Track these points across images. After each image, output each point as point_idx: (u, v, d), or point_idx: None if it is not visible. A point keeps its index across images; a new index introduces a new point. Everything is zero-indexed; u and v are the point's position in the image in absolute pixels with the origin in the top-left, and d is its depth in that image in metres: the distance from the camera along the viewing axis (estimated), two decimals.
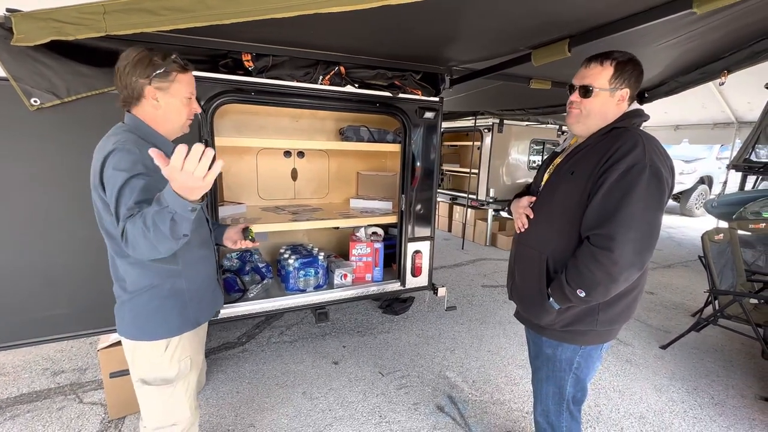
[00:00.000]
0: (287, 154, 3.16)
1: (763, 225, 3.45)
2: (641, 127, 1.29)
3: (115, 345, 2.03)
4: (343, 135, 2.89)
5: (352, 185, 3.49)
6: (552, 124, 5.70)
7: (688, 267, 5.12)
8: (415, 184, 2.69)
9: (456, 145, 6.61)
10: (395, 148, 2.79)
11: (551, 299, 1.32)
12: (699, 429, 2.15)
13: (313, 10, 1.12)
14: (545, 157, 1.56)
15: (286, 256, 2.67)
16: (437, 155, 2.73)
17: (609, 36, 1.68)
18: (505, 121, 5.27)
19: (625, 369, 2.70)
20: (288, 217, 2.69)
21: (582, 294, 1.22)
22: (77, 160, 1.82)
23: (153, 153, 0.93)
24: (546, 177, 1.42)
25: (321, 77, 2.24)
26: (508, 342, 3.02)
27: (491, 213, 5.79)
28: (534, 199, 1.43)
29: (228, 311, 2.33)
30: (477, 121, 5.33)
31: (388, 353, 2.81)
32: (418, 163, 2.67)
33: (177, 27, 1.22)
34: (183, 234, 1.01)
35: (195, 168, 0.90)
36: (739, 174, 5.40)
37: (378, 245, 2.83)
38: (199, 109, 1.34)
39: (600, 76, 1.25)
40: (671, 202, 9.39)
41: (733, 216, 4.36)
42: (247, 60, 2.05)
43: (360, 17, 1.37)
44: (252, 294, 2.51)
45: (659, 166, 1.15)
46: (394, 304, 3.48)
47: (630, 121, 1.27)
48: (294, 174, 3.22)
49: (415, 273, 2.83)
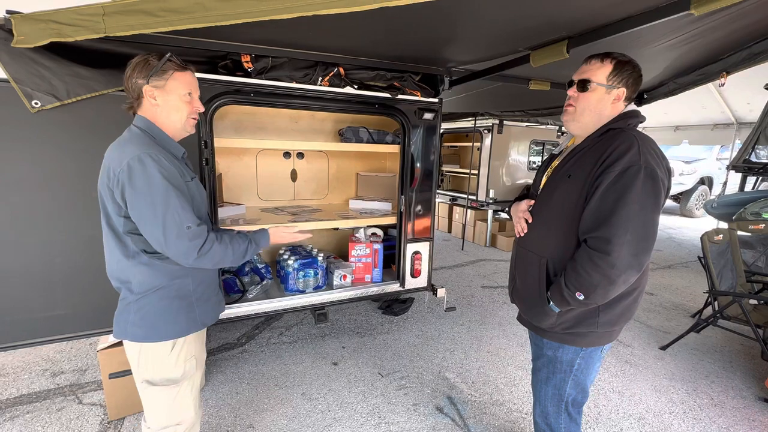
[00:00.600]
0: (287, 155, 3.17)
1: (763, 226, 3.44)
2: (637, 128, 1.29)
3: (115, 346, 2.03)
4: (343, 136, 2.89)
5: (351, 186, 3.50)
6: (552, 125, 5.70)
7: (688, 268, 5.11)
8: (415, 184, 2.69)
9: (456, 146, 6.61)
10: (394, 149, 2.79)
11: (551, 302, 1.32)
12: (698, 430, 2.15)
13: (312, 11, 1.12)
14: (543, 159, 1.56)
15: (285, 256, 2.67)
16: (436, 156, 2.73)
17: (608, 37, 1.68)
18: (505, 122, 5.28)
19: (625, 370, 2.70)
20: (287, 218, 2.69)
21: (581, 297, 1.22)
22: (77, 161, 1.83)
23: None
24: (544, 180, 1.43)
25: (320, 78, 2.25)
26: (507, 343, 3.02)
27: (491, 214, 5.79)
28: (533, 203, 1.44)
29: (227, 312, 2.33)
30: (477, 122, 5.33)
31: (387, 354, 2.81)
32: (417, 164, 2.67)
33: (175, 28, 1.23)
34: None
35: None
36: (739, 175, 5.40)
37: (377, 246, 2.83)
38: (202, 108, 1.35)
39: (599, 71, 1.26)
40: (671, 202, 9.38)
41: (733, 217, 4.36)
42: (247, 61, 2.06)
43: (358, 19, 1.37)
44: (251, 295, 2.51)
45: (655, 167, 1.15)
46: (393, 304, 3.48)
47: (626, 122, 1.27)
48: (293, 175, 3.22)
49: (415, 274, 2.84)
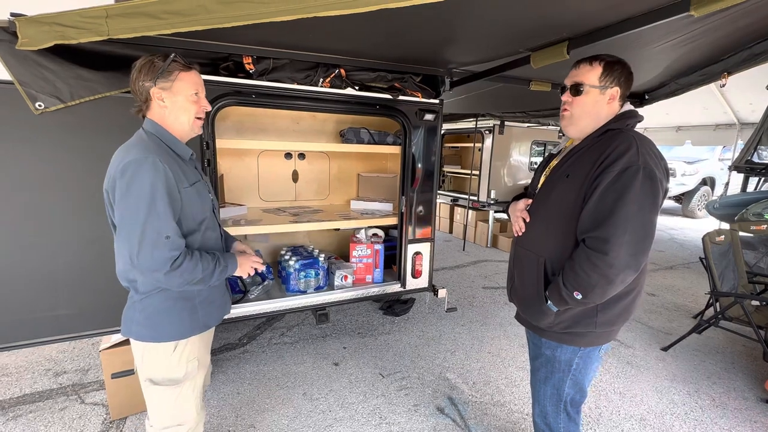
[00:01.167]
0: (288, 155, 3.18)
1: (765, 227, 3.43)
2: (635, 128, 1.30)
3: (117, 346, 2.04)
4: (344, 137, 2.90)
5: (352, 187, 3.51)
6: (553, 125, 5.70)
7: (690, 268, 5.10)
8: (416, 185, 2.70)
9: (457, 147, 6.62)
10: (395, 149, 2.80)
11: (549, 302, 1.32)
12: (700, 431, 2.14)
13: (312, 13, 1.13)
14: (542, 159, 1.57)
15: (286, 257, 2.68)
16: (437, 157, 2.74)
17: (608, 38, 1.68)
18: (506, 123, 5.28)
19: (626, 371, 2.69)
20: (289, 219, 2.71)
21: (579, 296, 1.22)
22: (81, 162, 1.84)
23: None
24: (542, 179, 1.43)
25: (321, 80, 2.26)
26: (509, 344, 3.02)
27: (492, 214, 5.79)
28: (531, 202, 1.44)
29: (229, 312, 2.33)
30: (478, 123, 5.33)
31: (388, 354, 2.81)
32: (418, 165, 2.68)
33: (178, 30, 1.23)
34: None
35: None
36: (741, 175, 5.38)
37: (378, 247, 2.84)
38: (209, 107, 1.37)
39: (590, 74, 1.27)
40: (673, 203, 9.36)
41: (735, 218, 4.35)
42: (248, 63, 2.07)
43: (359, 20, 1.38)
44: (253, 295, 2.52)
45: (653, 167, 1.16)
46: (394, 305, 3.48)
47: (624, 123, 1.27)
48: (295, 176, 3.23)
49: (416, 274, 2.84)
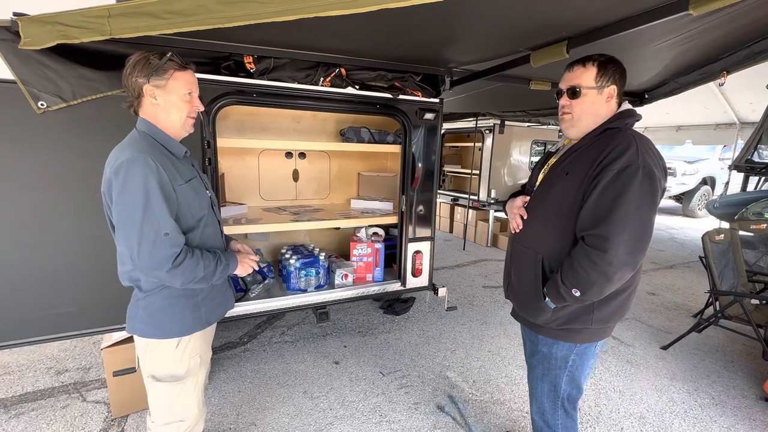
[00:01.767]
0: (289, 155, 3.19)
1: (765, 226, 3.44)
2: (633, 127, 1.30)
3: (119, 344, 2.05)
4: (344, 136, 2.91)
5: (353, 186, 3.51)
6: (553, 125, 5.71)
7: (690, 268, 5.10)
8: (416, 184, 2.71)
9: (457, 146, 6.62)
10: (396, 149, 2.81)
11: (547, 299, 1.33)
12: (699, 429, 2.15)
13: (313, 13, 1.14)
14: (540, 157, 1.58)
15: (287, 256, 2.69)
16: (437, 156, 2.75)
17: (607, 37, 1.69)
18: (507, 123, 5.29)
19: (626, 369, 2.70)
20: (289, 218, 2.71)
21: (577, 293, 1.23)
22: (83, 161, 1.85)
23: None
24: (541, 177, 1.44)
25: (322, 79, 2.27)
26: (508, 342, 3.02)
27: (492, 214, 5.79)
28: (528, 199, 1.45)
29: (230, 311, 2.34)
30: (478, 122, 5.34)
31: (388, 353, 2.82)
32: (419, 164, 2.69)
33: (180, 30, 1.24)
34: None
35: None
36: (742, 175, 5.39)
37: (378, 245, 2.85)
38: (202, 107, 1.36)
39: (585, 75, 1.28)
40: (674, 203, 9.36)
41: (735, 217, 4.35)
42: (249, 62, 2.08)
43: (360, 20, 1.38)
44: (253, 294, 2.52)
45: (652, 166, 1.17)
46: (395, 304, 3.49)
47: (623, 122, 1.28)
48: (295, 175, 3.24)
49: (416, 273, 2.85)
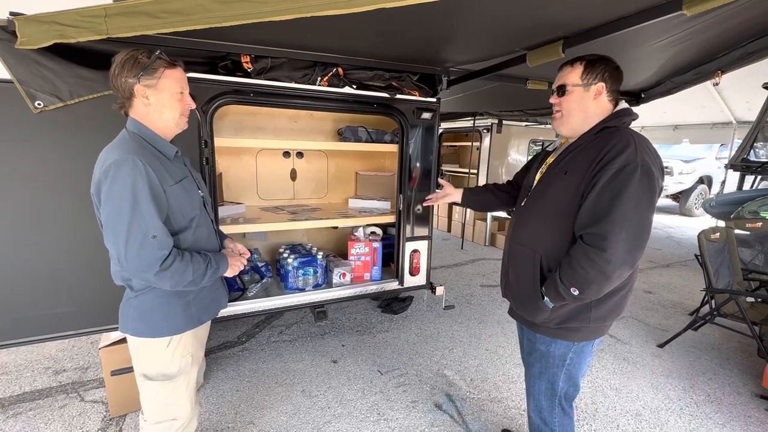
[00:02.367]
0: (286, 154, 3.19)
1: (761, 224, 3.46)
2: (630, 126, 1.32)
3: (117, 343, 2.05)
4: (342, 135, 2.91)
5: (350, 185, 3.52)
6: (551, 124, 5.72)
7: (687, 266, 5.13)
8: (413, 184, 2.71)
9: (455, 146, 6.64)
10: (393, 148, 2.82)
11: (545, 298, 1.34)
12: (695, 426, 2.17)
13: (310, 13, 1.14)
14: (534, 156, 1.60)
15: (285, 255, 2.70)
16: (435, 155, 2.76)
17: (602, 37, 1.70)
18: (504, 122, 5.30)
19: (623, 367, 2.72)
20: (287, 217, 2.72)
21: (576, 292, 1.24)
22: (79, 160, 1.85)
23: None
24: (538, 176, 1.45)
25: (319, 78, 2.27)
26: (506, 341, 3.04)
27: (490, 213, 5.81)
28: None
29: (227, 310, 2.35)
30: (476, 122, 5.35)
31: (386, 352, 2.83)
32: (416, 164, 2.70)
33: (176, 30, 1.24)
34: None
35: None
36: (738, 173, 5.41)
37: (376, 245, 2.86)
38: (194, 105, 1.35)
39: (571, 74, 1.32)
40: (671, 201, 9.40)
41: (731, 215, 4.38)
42: (246, 62, 2.08)
43: (357, 19, 1.39)
44: (251, 293, 2.53)
45: (650, 165, 1.18)
46: (393, 303, 3.50)
47: (620, 120, 1.29)
48: (293, 174, 3.25)
49: (413, 272, 2.86)
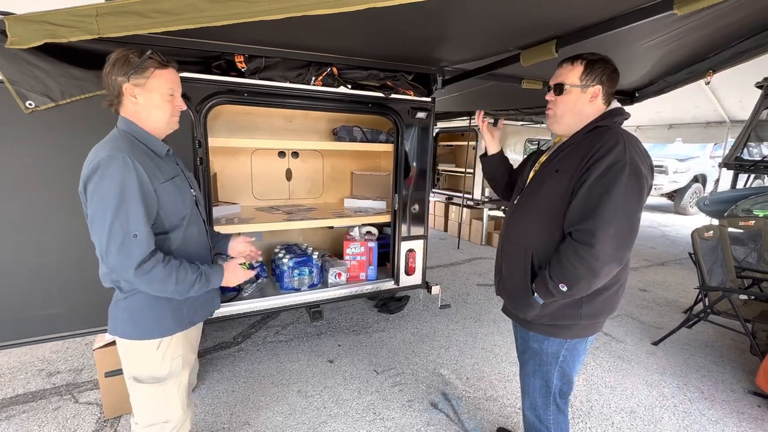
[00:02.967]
0: (281, 154, 3.19)
1: (753, 222, 3.49)
2: (622, 126, 1.32)
3: (111, 344, 2.04)
4: (337, 135, 2.91)
5: (346, 185, 3.52)
6: (545, 122, 5.74)
7: (681, 264, 5.16)
8: (409, 183, 2.72)
9: (451, 145, 6.64)
10: (388, 147, 2.82)
11: (535, 294, 1.35)
12: (688, 423, 2.18)
13: (301, 12, 1.14)
14: (530, 154, 1.60)
15: (280, 255, 2.69)
16: (430, 155, 2.76)
17: (595, 36, 1.71)
18: (500, 121, 5.30)
19: (617, 365, 2.73)
20: (282, 217, 2.71)
21: (564, 288, 1.24)
22: (71, 160, 1.83)
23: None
24: (531, 174, 1.46)
25: (313, 78, 2.27)
26: (502, 339, 3.05)
27: (486, 212, 5.82)
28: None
29: (223, 310, 2.34)
30: (472, 121, 5.36)
31: (383, 351, 2.83)
32: (412, 163, 2.70)
33: (168, 29, 1.24)
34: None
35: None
36: (731, 172, 5.46)
37: (372, 244, 2.86)
38: (185, 106, 1.34)
39: (570, 73, 1.30)
40: (666, 200, 9.46)
41: (725, 214, 4.41)
42: (240, 61, 2.08)
43: (349, 19, 1.39)
44: (246, 293, 2.52)
45: (639, 164, 1.19)
46: (389, 302, 3.50)
47: (611, 120, 1.30)
48: (288, 174, 3.24)
49: (409, 272, 2.86)
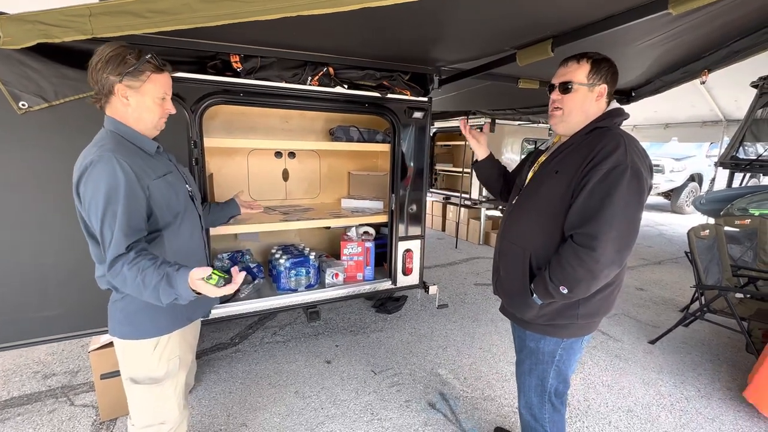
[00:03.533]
0: (278, 154, 3.18)
1: (749, 221, 3.51)
2: (622, 126, 1.33)
3: (107, 346, 2.03)
4: (333, 135, 2.90)
5: (343, 185, 3.51)
6: (543, 123, 5.76)
7: (678, 263, 5.18)
8: (406, 183, 2.72)
9: (449, 145, 6.65)
10: (385, 147, 2.81)
11: (534, 295, 1.35)
12: (685, 421, 2.19)
13: (296, 12, 1.14)
14: (528, 154, 1.60)
15: (277, 256, 2.68)
16: (427, 155, 2.76)
17: (590, 36, 1.71)
18: (497, 121, 5.32)
19: (614, 364, 2.74)
20: (279, 218, 2.71)
21: (564, 290, 1.25)
22: (66, 161, 1.81)
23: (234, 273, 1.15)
24: (530, 175, 1.45)
25: (309, 78, 2.26)
26: (499, 339, 3.05)
27: (484, 212, 5.83)
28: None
29: (219, 311, 2.33)
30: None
31: (380, 352, 2.83)
32: (409, 163, 2.70)
33: (163, 29, 1.23)
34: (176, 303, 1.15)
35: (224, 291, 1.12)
36: (727, 171, 5.48)
37: (369, 244, 2.85)
38: (174, 110, 1.33)
39: (578, 72, 1.29)
40: (662, 199, 9.50)
41: (721, 212, 4.43)
42: (236, 61, 2.07)
43: (346, 19, 1.39)
44: (243, 294, 2.51)
45: (640, 166, 1.19)
46: (387, 303, 3.50)
47: (611, 121, 1.30)
48: (285, 174, 3.23)
49: (406, 272, 2.86)
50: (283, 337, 2.99)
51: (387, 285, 2.85)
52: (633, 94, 3.28)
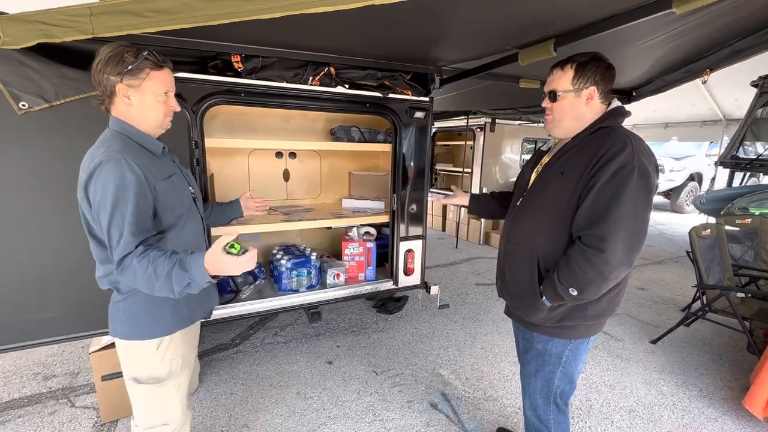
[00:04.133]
0: (279, 154, 3.17)
1: (750, 220, 3.50)
2: (623, 124, 1.32)
3: (107, 348, 2.02)
4: (334, 135, 2.90)
5: (344, 185, 3.50)
6: (543, 123, 5.76)
7: (678, 263, 5.18)
8: (408, 183, 2.71)
9: (449, 145, 6.64)
10: (386, 147, 2.81)
11: (543, 297, 1.34)
12: (687, 421, 2.19)
13: (298, 11, 1.13)
14: (531, 155, 1.59)
15: (278, 256, 2.68)
16: (428, 154, 2.75)
17: (593, 36, 1.70)
18: (498, 121, 5.31)
19: (616, 364, 2.74)
20: (280, 218, 2.70)
21: (574, 293, 1.24)
22: (67, 162, 1.81)
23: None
24: (534, 176, 1.44)
25: (311, 78, 2.25)
26: (501, 339, 3.04)
27: None
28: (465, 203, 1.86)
29: (221, 312, 2.33)
30: (469, 121, 5.36)
31: (382, 352, 2.82)
32: (410, 163, 2.69)
33: (163, 29, 1.22)
34: (188, 292, 1.13)
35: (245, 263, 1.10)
36: (727, 170, 5.48)
37: (370, 245, 2.85)
38: (178, 107, 1.33)
39: (562, 79, 1.30)
40: (662, 199, 9.50)
41: (721, 212, 4.43)
42: (237, 61, 2.06)
43: (347, 18, 1.38)
44: (244, 295, 2.51)
45: (647, 166, 1.18)
46: (388, 303, 3.49)
47: (615, 120, 1.29)
48: (286, 175, 3.22)
49: (408, 272, 2.85)
50: (285, 338, 2.98)
51: (389, 285, 2.84)
52: (634, 93, 3.27)
